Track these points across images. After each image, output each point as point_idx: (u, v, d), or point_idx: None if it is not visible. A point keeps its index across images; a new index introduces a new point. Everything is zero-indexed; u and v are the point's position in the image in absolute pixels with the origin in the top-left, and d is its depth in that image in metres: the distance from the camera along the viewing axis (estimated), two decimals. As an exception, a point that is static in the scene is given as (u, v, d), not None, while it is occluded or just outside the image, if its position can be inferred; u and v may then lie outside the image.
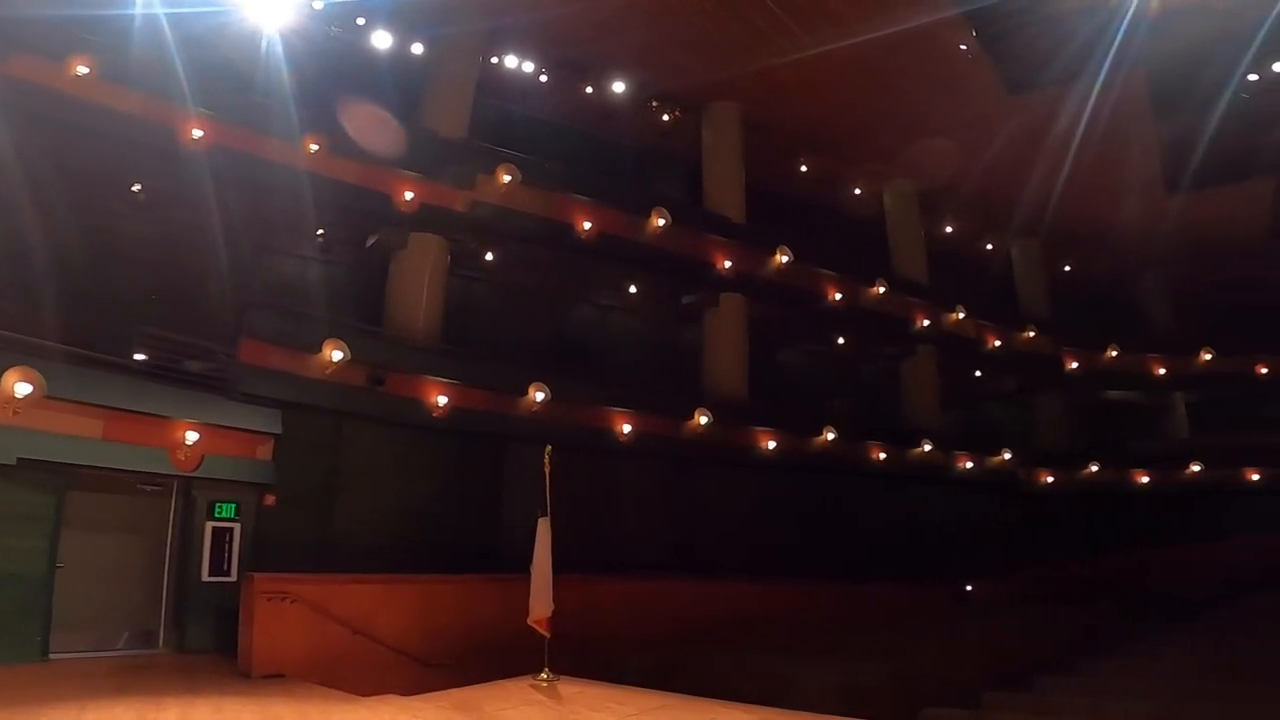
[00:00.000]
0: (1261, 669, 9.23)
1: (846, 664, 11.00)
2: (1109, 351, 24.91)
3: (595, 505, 14.93)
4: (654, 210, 16.83)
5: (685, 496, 16.52)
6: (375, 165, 14.03)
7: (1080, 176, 21.25)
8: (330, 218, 14.46)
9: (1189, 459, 23.75)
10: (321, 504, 12.37)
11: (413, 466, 13.26)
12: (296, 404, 12.15)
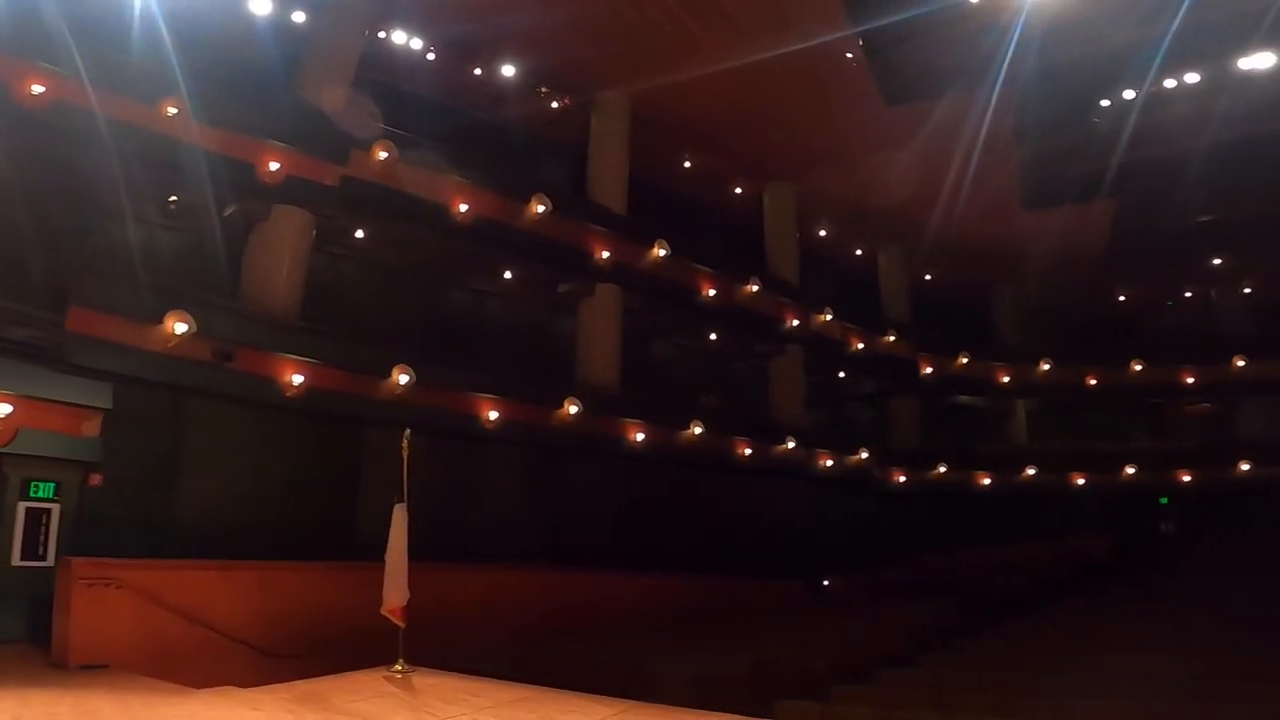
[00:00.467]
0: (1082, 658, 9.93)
1: (706, 656, 11.13)
2: (960, 359, 26.34)
3: (458, 493, 14.60)
4: (535, 196, 16.56)
5: (551, 486, 16.37)
6: (240, 133, 13.13)
7: (946, 189, 22.42)
8: (188, 184, 13.44)
9: (1026, 463, 25.44)
10: (158, 485, 11.51)
11: (262, 448, 12.53)
12: (131, 378, 11.23)
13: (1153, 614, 13.78)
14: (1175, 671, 9.04)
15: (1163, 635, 11.60)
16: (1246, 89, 19.96)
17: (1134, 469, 25.63)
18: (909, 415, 25.86)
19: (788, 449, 20.02)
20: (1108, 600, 16.12)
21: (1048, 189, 23.32)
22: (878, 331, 24.38)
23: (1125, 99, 21.55)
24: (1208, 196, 24.25)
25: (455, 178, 15.66)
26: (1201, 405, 28.96)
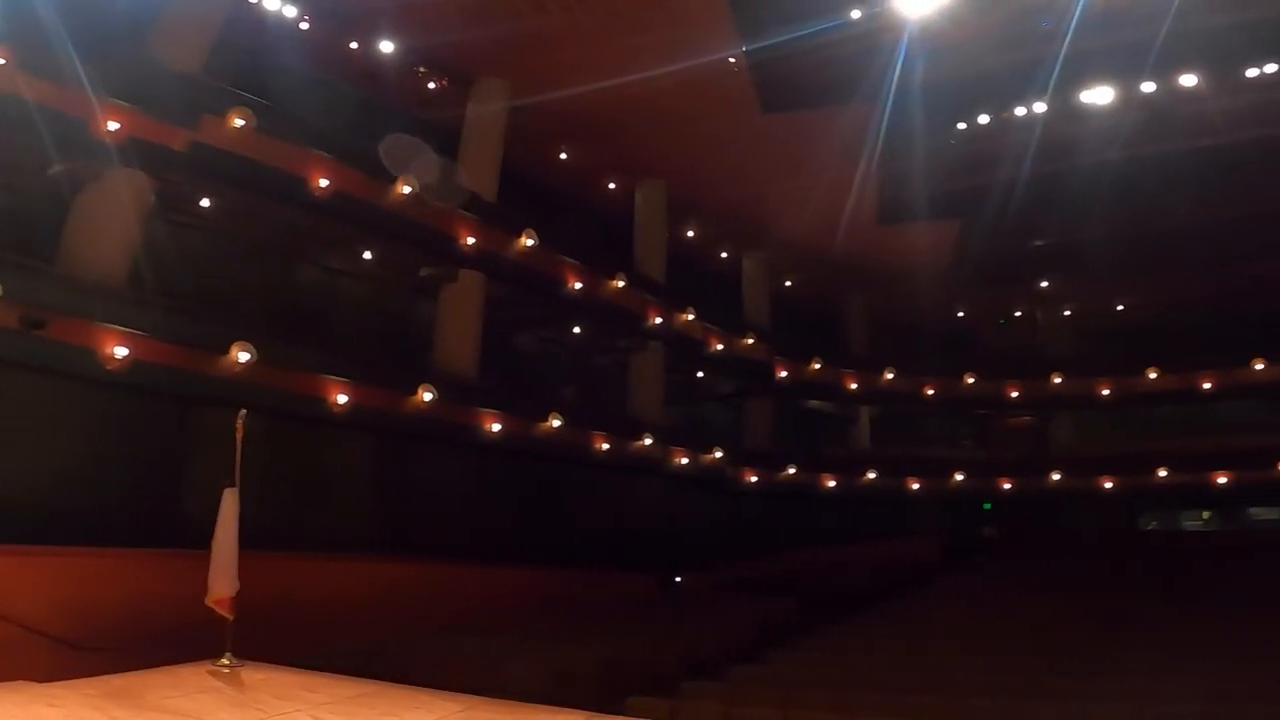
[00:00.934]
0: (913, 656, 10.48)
1: (557, 650, 11.02)
2: (813, 364, 27.39)
3: (302, 479, 13.85)
4: (401, 177, 15.95)
5: (403, 475, 15.81)
6: (77, 88, 11.89)
7: (811, 200, 23.25)
8: (10, 139, 12.07)
9: (869, 467, 26.77)
10: (-57, 460, 10.25)
11: (78, 424, 11.40)
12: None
13: (973, 614, 14.73)
14: (992, 667, 9.67)
15: (981, 634, 12.43)
16: (1083, 121, 21.80)
17: (962, 475, 27.47)
18: (763, 417, 26.66)
19: (645, 445, 20.19)
20: (936, 598, 17.17)
21: (903, 206, 24.64)
22: (738, 334, 24.98)
23: (979, 124, 23.08)
24: (1041, 222, 26.32)
25: (318, 152, 14.83)
26: (1023, 418, 31.37)
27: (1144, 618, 12.93)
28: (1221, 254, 25.16)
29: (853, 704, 8.09)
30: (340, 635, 10.90)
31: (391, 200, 15.90)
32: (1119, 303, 31.37)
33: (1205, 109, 20.91)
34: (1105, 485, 26.90)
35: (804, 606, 17.50)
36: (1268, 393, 27.02)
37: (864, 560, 23.62)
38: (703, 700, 8.37)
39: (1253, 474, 25.40)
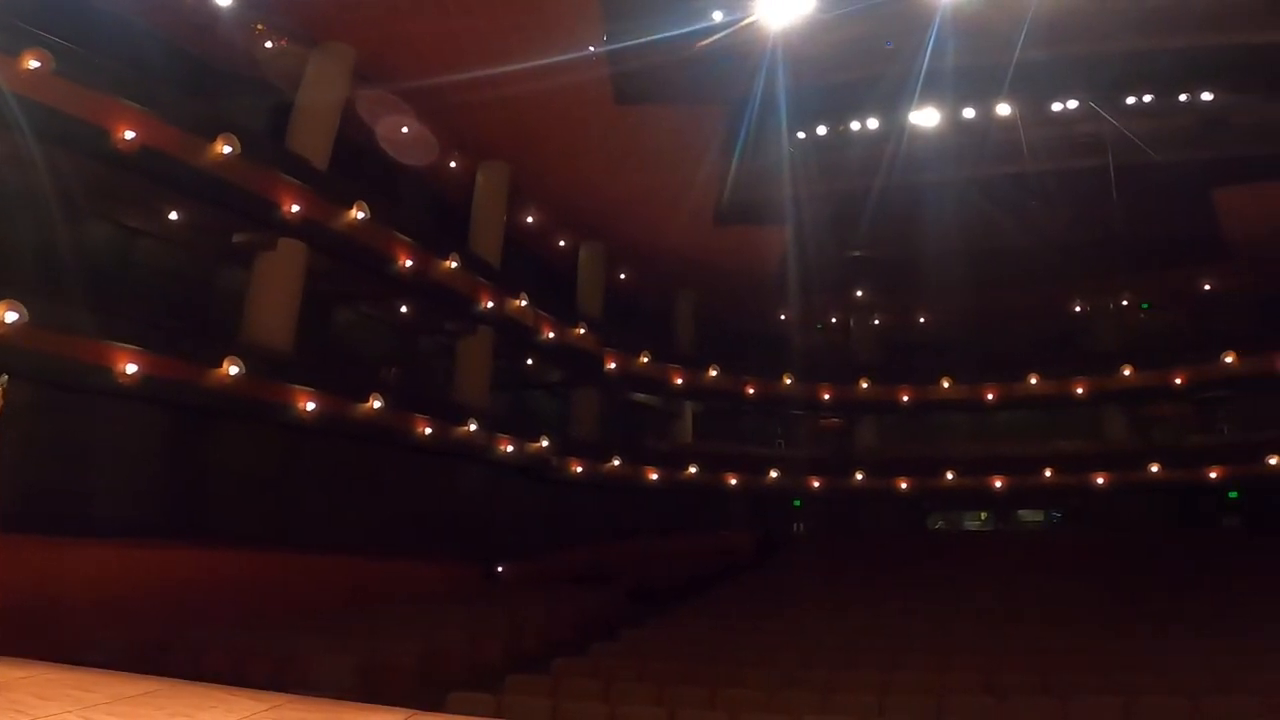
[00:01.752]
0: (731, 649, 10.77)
1: (371, 643, 10.55)
2: (641, 358, 27.72)
3: (78, 455, 12.44)
4: (221, 136, 14.62)
5: (200, 454, 14.58)
6: None
7: (652, 194, 23.51)
8: None
9: (690, 461, 27.46)
10: None
11: None
12: None
13: (783, 607, 15.38)
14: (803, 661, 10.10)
15: (790, 628, 13.00)
16: (908, 140, 23.34)
17: (776, 473, 28.76)
18: (590, 407, 26.73)
19: (469, 431, 19.69)
20: (750, 591, 17.84)
21: (739, 208, 25.42)
22: (570, 323, 24.89)
23: (818, 134, 24.19)
24: (860, 234, 27.96)
25: (127, 102, 13.31)
26: (832, 420, 33.24)
27: (929, 610, 13.97)
28: (1010, 276, 27.67)
29: (676, 697, 8.21)
30: (122, 629, 9.89)
31: (208, 159, 14.58)
32: (921, 316, 33.88)
33: (1015, 138, 22.91)
34: (901, 486, 29.01)
35: (628, 597, 17.73)
36: (1040, 405, 30.06)
37: (684, 553, 24.23)
38: (528, 694, 8.22)
39: (1023, 479, 28.21)
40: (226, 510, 14.45)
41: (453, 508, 19.45)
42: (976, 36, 17.74)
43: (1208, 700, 7.20)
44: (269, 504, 15.11)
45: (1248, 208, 24.61)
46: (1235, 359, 26.94)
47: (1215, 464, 26.42)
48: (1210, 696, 7.36)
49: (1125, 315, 32.27)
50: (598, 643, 11.43)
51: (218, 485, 14.63)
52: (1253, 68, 20.58)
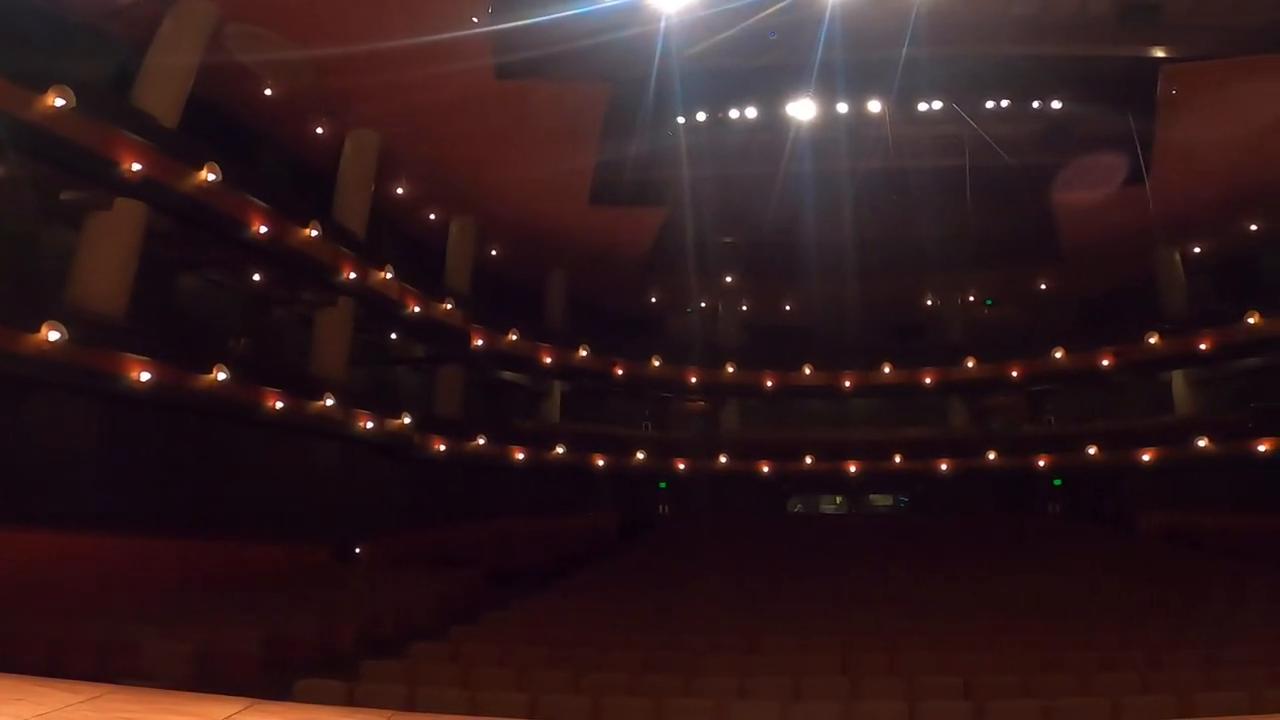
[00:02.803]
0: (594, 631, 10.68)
1: (209, 630, 9.85)
2: (510, 335, 27.24)
3: None
4: (54, 88, 13.18)
5: (12, 425, 13.12)
6: None
7: (526, 171, 23.00)
8: None
9: (557, 441, 27.22)
10: None
11: None
12: None
13: (648, 588, 15.47)
14: (666, 643, 10.14)
15: (656, 609, 13.05)
16: (783, 131, 23.80)
17: (642, 455, 28.96)
18: (455, 385, 26.00)
19: (325, 406, 18.73)
20: (614, 573, 17.86)
21: (615, 189, 25.27)
22: (436, 298, 24.11)
23: (697, 120, 24.32)
24: (732, 220, 28.45)
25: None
26: (698, 403, 33.80)
27: (789, 592, 14.39)
28: (870, 268, 28.79)
29: (538, 682, 8.04)
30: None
31: (38, 112, 13.13)
32: (787, 303, 34.90)
33: (883, 134, 23.81)
34: (763, 469, 29.83)
35: (489, 580, 17.37)
36: (892, 393, 31.60)
37: (550, 534, 24.05)
38: (383, 681, 7.88)
39: (875, 464, 29.59)
40: (41, 488, 13.09)
41: (306, 487, 18.47)
42: (856, 34, 18.25)
43: (1037, 678, 7.67)
44: (93, 481, 13.83)
45: (1082, 213, 26.60)
46: (1064, 355, 29.12)
47: (1043, 453, 28.53)
48: (1039, 674, 7.86)
49: (971, 310, 34.34)
50: (458, 626, 11.11)
51: (31, 461, 13.24)
52: (1097, 81, 22.14)
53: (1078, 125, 24.10)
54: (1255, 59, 18.27)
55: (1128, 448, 26.63)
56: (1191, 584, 13.70)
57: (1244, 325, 24.57)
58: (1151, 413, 28.89)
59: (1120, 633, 9.47)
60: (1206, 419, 26.39)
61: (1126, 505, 26.30)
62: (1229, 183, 22.53)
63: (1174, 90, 20.22)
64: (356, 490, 20.05)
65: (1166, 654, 8.42)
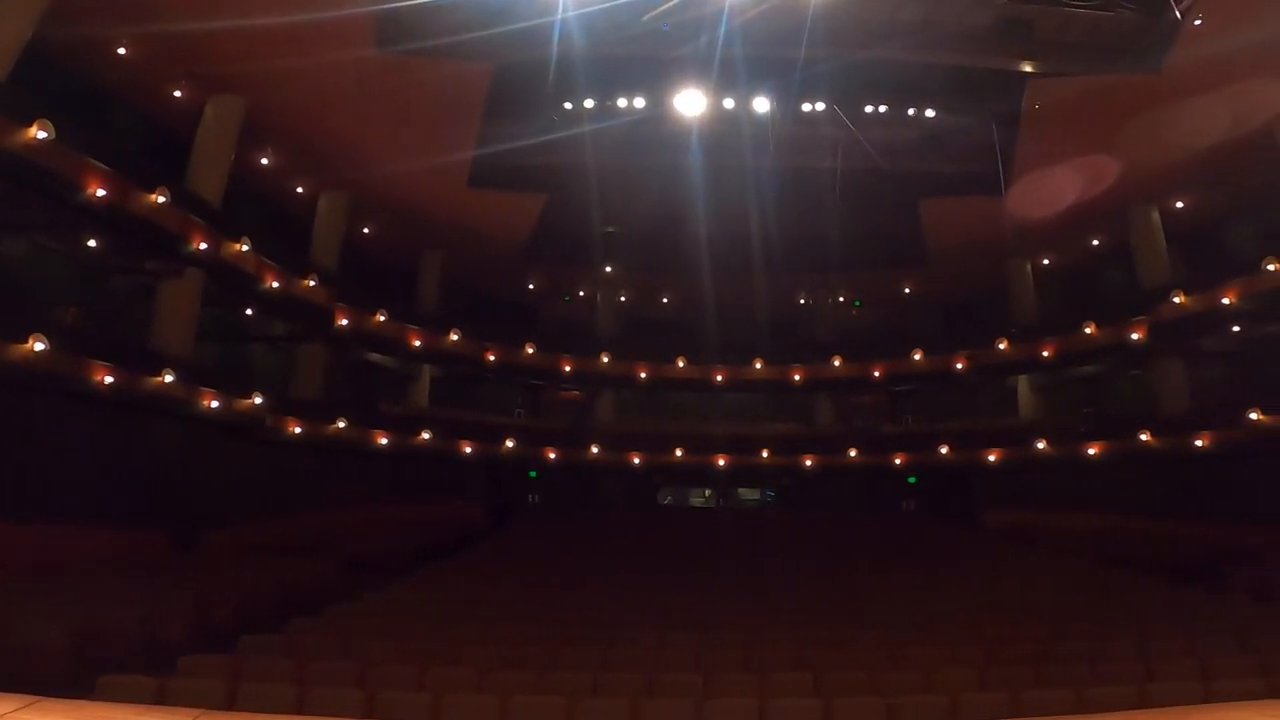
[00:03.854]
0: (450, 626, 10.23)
1: (7, 622, 8.87)
2: (378, 316, 26.15)
3: None
4: None
5: None
6: None
7: (404, 148, 22.04)
8: None
9: (424, 427, 26.31)
10: None
11: None
12: None
13: (511, 581, 15.07)
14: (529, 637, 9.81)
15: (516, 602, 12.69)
16: (671, 123, 23.68)
17: (513, 443, 28.41)
18: (315, 365, 24.67)
19: (164, 382, 17.34)
20: (477, 564, 17.33)
21: (495, 172, 24.59)
22: (300, 274, 22.84)
23: (585, 106, 23.90)
24: (615, 210, 28.24)
25: None
26: (572, 392, 33.52)
27: (652, 585, 14.30)
28: (747, 265, 29.17)
29: (380, 677, 7.59)
30: None
31: None
32: (665, 296, 35.05)
33: (766, 132, 24.07)
34: (634, 461, 29.83)
35: (343, 570, 16.50)
36: (763, 389, 32.22)
37: (413, 522, 23.22)
38: (202, 676, 7.27)
39: (744, 459, 30.10)
40: None
41: (142, 468, 17.03)
42: (749, 32, 18.30)
43: (883, 675, 7.80)
44: None
45: (946, 221, 27.84)
46: (923, 357, 30.45)
47: (900, 451, 29.74)
48: (886, 671, 8.01)
49: (840, 310, 35.46)
50: (301, 618, 10.42)
51: None
52: (970, 92, 23.10)
53: (949, 135, 25.11)
54: (1107, 79, 19.47)
55: (976, 448, 28.08)
56: (1029, 581, 14.46)
57: (1082, 335, 26.34)
58: (998, 415, 30.61)
59: (964, 628, 9.80)
60: (1046, 423, 28.17)
61: (974, 503, 27.75)
62: (1076, 198, 23.99)
63: (1037, 105, 21.35)
64: (200, 473, 18.69)
65: (1005, 648, 8.75)
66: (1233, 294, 21.45)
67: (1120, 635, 9.29)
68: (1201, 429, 21.73)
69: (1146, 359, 25.13)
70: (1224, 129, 19.88)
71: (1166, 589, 13.05)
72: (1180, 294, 23.16)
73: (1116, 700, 6.55)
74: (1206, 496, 20.65)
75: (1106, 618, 10.56)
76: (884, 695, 6.85)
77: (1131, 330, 24.73)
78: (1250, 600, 11.94)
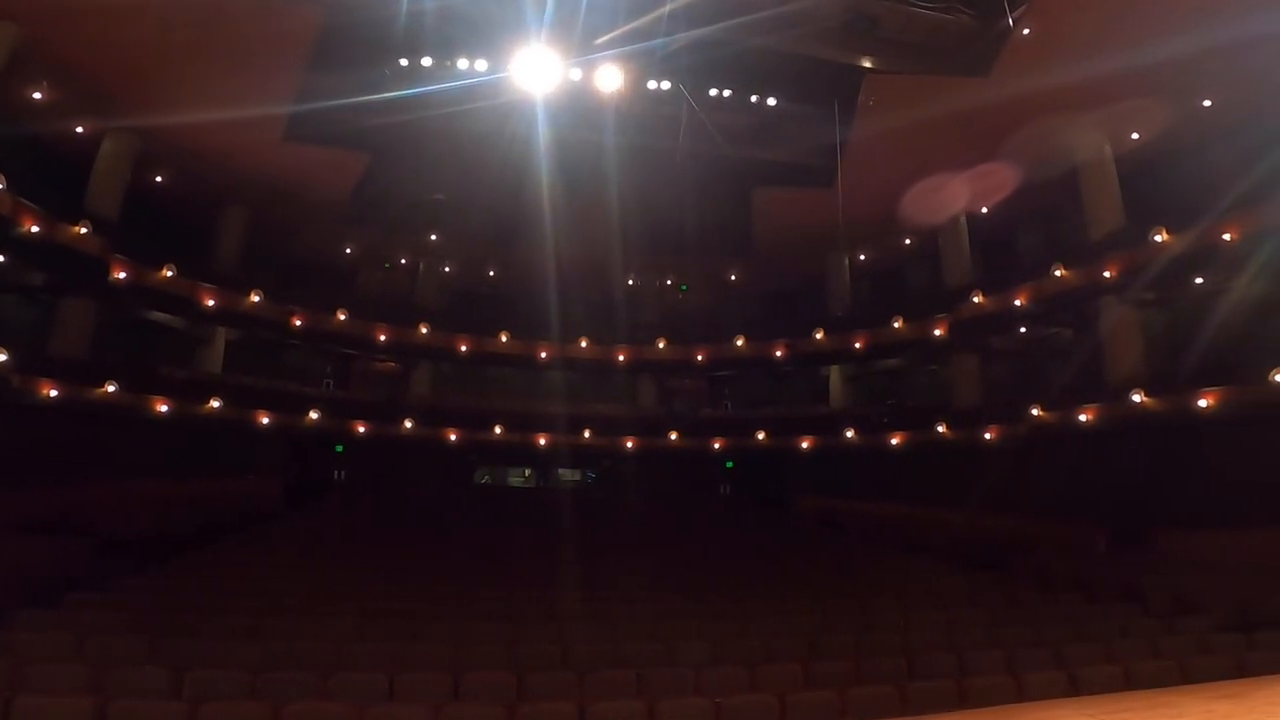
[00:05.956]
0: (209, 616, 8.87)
1: None
2: (165, 271, 23.35)
3: None
4: None
5: None
6: None
7: (211, 92, 19.64)
8: None
9: (213, 394, 23.77)
10: None
11: None
12: None
13: (306, 562, 13.65)
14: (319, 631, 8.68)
15: (311, 588, 11.37)
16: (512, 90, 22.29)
17: (318, 415, 26.32)
18: (83, 321, 21.49)
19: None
20: (268, 544, 15.62)
21: (317, 126, 22.43)
22: (69, 220, 19.87)
23: (422, 65, 22.21)
24: (446, 177, 26.63)
25: None
26: (387, 363, 31.65)
27: (466, 570, 13.37)
28: (576, 242, 28.44)
29: (114, 681, 6.41)
30: None
31: None
32: (491, 269, 33.76)
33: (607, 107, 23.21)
34: (451, 437, 28.51)
35: (99, 552, 14.34)
36: (587, 368, 31.71)
37: (198, 498, 20.84)
38: None
39: (566, 438, 29.50)
40: None
41: None
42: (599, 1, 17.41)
43: (707, 671, 7.40)
44: None
45: (774, 210, 28.36)
46: (744, 343, 31.06)
47: (719, 435, 30.21)
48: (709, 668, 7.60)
49: (667, 293, 35.58)
50: (35, 610, 8.72)
51: None
52: (811, 82, 23.36)
53: (788, 125, 25.38)
54: (936, 81, 20.24)
55: (790, 435, 28.94)
56: (840, 567, 14.74)
57: (891, 329, 27.69)
58: (811, 404, 31.76)
59: (784, 619, 9.62)
60: (854, 412, 29.47)
61: (788, 489, 28.61)
62: (892, 197, 25.03)
63: (871, 102, 21.93)
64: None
65: (824, 638, 8.60)
66: (1024, 296, 23.11)
67: (929, 625, 9.44)
68: (990, 423, 23.31)
69: (946, 354, 26.73)
70: (1031, 146, 21.27)
71: (963, 577, 13.64)
72: (979, 294, 24.73)
73: (937, 697, 6.46)
74: (993, 488, 22.19)
75: (915, 606, 10.77)
76: (710, 695, 6.41)
77: (934, 326, 26.23)
78: (1036, 589, 12.65)
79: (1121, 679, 7.22)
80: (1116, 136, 21.23)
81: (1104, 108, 19.72)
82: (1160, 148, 21.33)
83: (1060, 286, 22.08)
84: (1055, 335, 25.11)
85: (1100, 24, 17.09)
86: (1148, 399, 18.76)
